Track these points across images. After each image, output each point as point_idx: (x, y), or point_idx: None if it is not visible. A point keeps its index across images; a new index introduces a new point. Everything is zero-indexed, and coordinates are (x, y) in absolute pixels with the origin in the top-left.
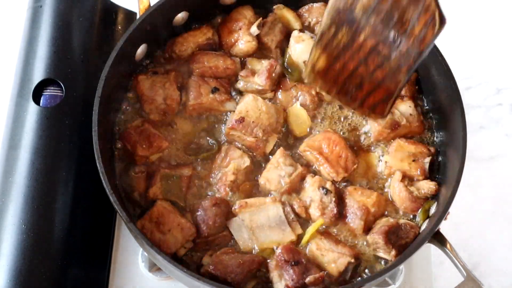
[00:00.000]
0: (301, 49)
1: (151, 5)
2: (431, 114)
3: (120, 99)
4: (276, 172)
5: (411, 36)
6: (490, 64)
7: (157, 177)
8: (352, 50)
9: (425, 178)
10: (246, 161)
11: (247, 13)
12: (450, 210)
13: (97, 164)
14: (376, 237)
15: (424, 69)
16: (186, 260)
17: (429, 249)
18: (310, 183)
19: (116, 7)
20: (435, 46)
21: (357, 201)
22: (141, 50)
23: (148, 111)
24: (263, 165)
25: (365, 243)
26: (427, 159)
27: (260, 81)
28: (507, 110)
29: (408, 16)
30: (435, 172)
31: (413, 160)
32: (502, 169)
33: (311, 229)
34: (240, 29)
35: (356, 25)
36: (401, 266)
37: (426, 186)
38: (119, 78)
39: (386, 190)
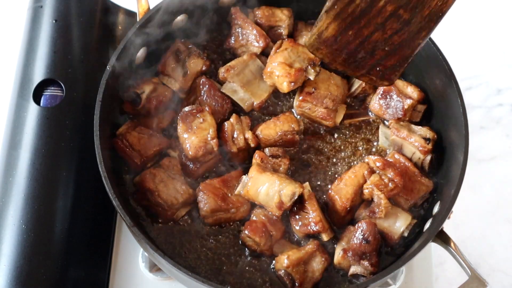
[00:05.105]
0: None
1: (151, 8)
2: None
3: (120, 100)
4: None
5: None
6: (490, 65)
7: None
8: (369, 16)
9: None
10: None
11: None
12: None
13: (100, 168)
14: None
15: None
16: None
17: (430, 249)
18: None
19: (116, 7)
20: (437, 48)
21: None
22: (141, 53)
23: None
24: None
25: None
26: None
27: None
28: (507, 111)
29: None
30: (437, 171)
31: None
32: (503, 170)
33: None
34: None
35: None
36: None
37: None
38: (120, 81)
39: None
